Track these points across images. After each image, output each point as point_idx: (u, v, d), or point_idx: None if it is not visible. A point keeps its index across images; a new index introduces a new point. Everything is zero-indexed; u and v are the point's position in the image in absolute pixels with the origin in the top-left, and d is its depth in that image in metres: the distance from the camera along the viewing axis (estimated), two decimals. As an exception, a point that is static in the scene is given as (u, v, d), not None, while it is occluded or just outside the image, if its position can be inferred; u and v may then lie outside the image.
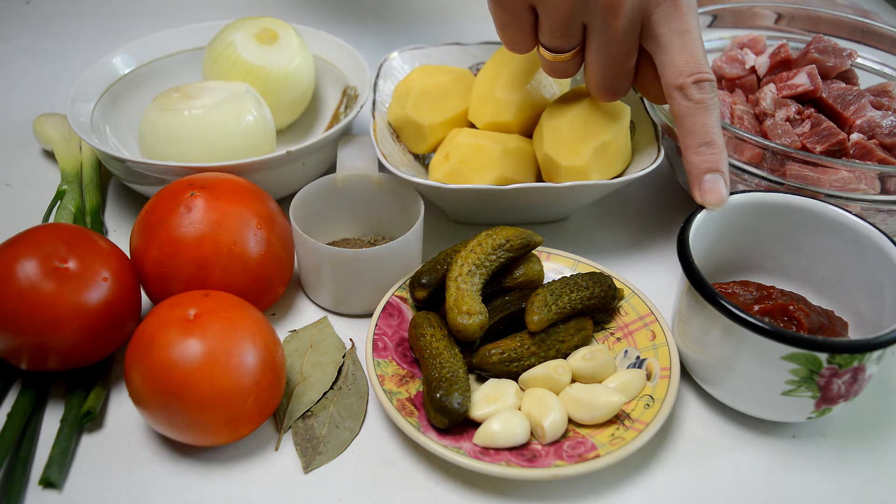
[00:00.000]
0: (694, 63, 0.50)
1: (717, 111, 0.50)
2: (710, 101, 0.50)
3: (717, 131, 0.50)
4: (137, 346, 0.45)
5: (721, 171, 0.50)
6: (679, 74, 0.50)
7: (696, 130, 0.50)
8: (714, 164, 0.50)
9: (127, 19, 0.99)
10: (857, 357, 0.43)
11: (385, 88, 0.69)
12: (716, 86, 0.50)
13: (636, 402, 0.48)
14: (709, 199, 0.50)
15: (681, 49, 0.50)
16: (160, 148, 0.61)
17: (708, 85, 0.50)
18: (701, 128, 0.50)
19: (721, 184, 0.50)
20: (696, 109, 0.50)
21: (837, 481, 0.47)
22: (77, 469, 0.46)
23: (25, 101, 0.81)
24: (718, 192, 0.50)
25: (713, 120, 0.50)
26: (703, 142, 0.50)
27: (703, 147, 0.50)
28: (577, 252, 0.60)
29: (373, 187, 0.60)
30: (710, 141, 0.50)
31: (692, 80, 0.50)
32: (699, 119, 0.50)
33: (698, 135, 0.50)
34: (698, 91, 0.50)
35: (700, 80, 0.50)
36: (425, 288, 0.53)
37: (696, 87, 0.50)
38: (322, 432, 0.48)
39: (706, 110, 0.50)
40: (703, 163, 0.50)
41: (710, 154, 0.50)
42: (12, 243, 0.48)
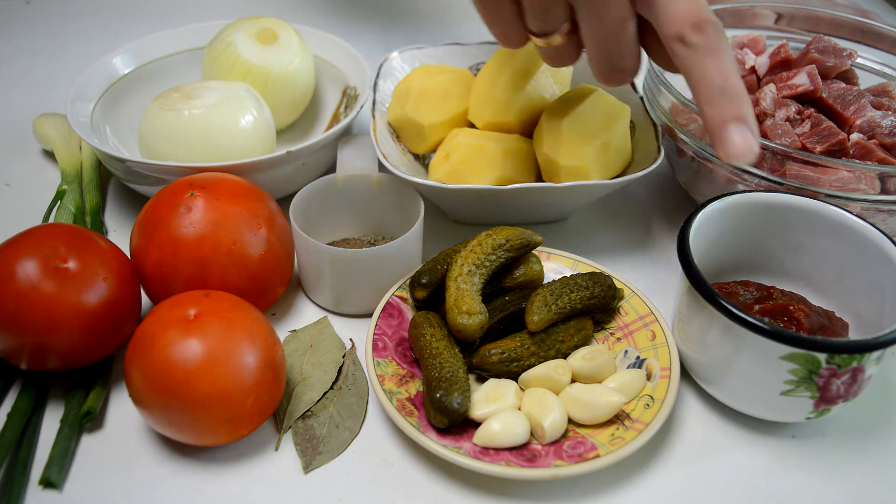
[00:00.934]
0: (691, 8, 0.43)
1: (727, 54, 0.43)
2: (715, 43, 0.43)
3: (731, 75, 0.43)
4: (137, 346, 0.45)
5: (744, 117, 0.43)
6: (676, 23, 0.43)
7: (706, 78, 0.43)
8: (734, 112, 0.43)
9: (127, 19, 0.99)
10: (855, 357, 0.43)
11: (385, 88, 0.69)
12: (721, 28, 0.43)
13: (636, 402, 0.48)
14: (734, 152, 0.42)
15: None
16: (160, 148, 0.61)
17: (710, 27, 0.43)
18: (711, 74, 0.43)
19: (746, 132, 0.42)
20: (701, 55, 0.43)
21: (837, 481, 0.47)
22: (77, 469, 0.46)
23: (25, 101, 0.81)
24: (745, 143, 0.42)
25: (723, 64, 0.43)
26: (714, 90, 0.43)
27: (717, 95, 0.43)
28: (577, 252, 0.60)
29: (373, 187, 0.60)
30: (724, 87, 0.43)
31: (690, 24, 0.43)
32: (706, 65, 0.43)
33: (709, 83, 0.43)
34: (700, 35, 0.43)
35: (700, 23, 0.43)
36: (425, 288, 0.53)
37: (696, 32, 0.43)
38: (322, 432, 0.48)
39: (712, 53, 0.43)
40: (719, 114, 0.43)
41: (727, 102, 0.43)
42: (12, 243, 0.48)
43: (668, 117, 0.62)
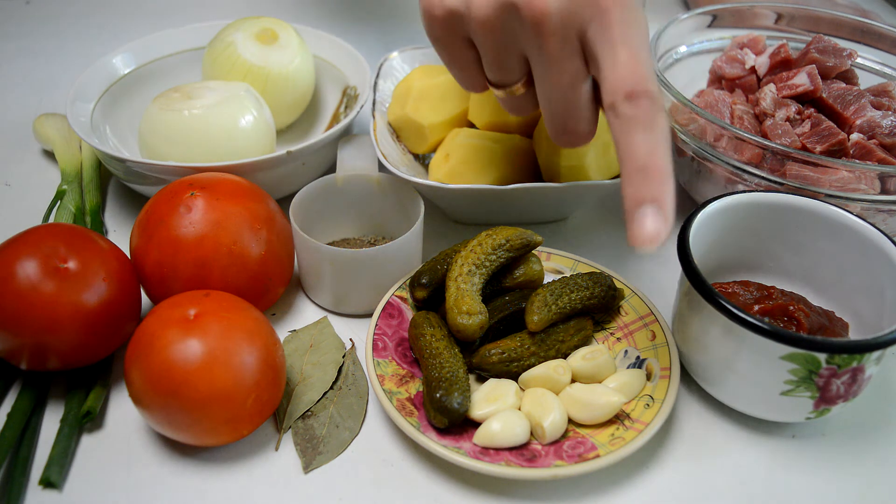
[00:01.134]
0: (629, 76, 0.41)
1: (657, 129, 0.41)
2: (644, 117, 0.41)
3: (654, 153, 0.41)
4: (137, 346, 0.45)
5: (659, 200, 0.40)
6: (611, 92, 0.42)
7: (630, 153, 0.41)
8: (646, 194, 0.40)
9: (127, 19, 0.99)
10: (855, 357, 0.43)
11: (385, 88, 0.69)
12: (659, 103, 0.41)
13: (636, 402, 0.48)
14: (640, 236, 0.40)
15: (612, 64, 0.41)
16: (160, 148, 0.61)
17: (644, 100, 0.41)
18: (634, 150, 0.41)
19: (658, 218, 0.40)
20: (629, 129, 0.41)
21: (837, 481, 0.47)
22: (77, 469, 0.46)
23: (25, 101, 0.81)
24: (654, 229, 0.40)
25: (651, 140, 0.41)
26: (635, 167, 0.41)
27: (637, 173, 0.41)
28: (577, 252, 0.60)
29: (373, 187, 0.60)
30: (645, 166, 0.40)
31: (623, 94, 0.41)
32: (632, 139, 0.41)
33: (632, 159, 0.41)
34: (630, 106, 0.41)
35: (633, 94, 0.41)
36: (425, 288, 0.53)
37: (628, 102, 0.41)
38: (322, 432, 0.48)
39: (642, 128, 0.41)
40: (635, 193, 0.40)
41: (646, 181, 0.40)
42: (12, 243, 0.48)
43: (667, 117, 0.62)
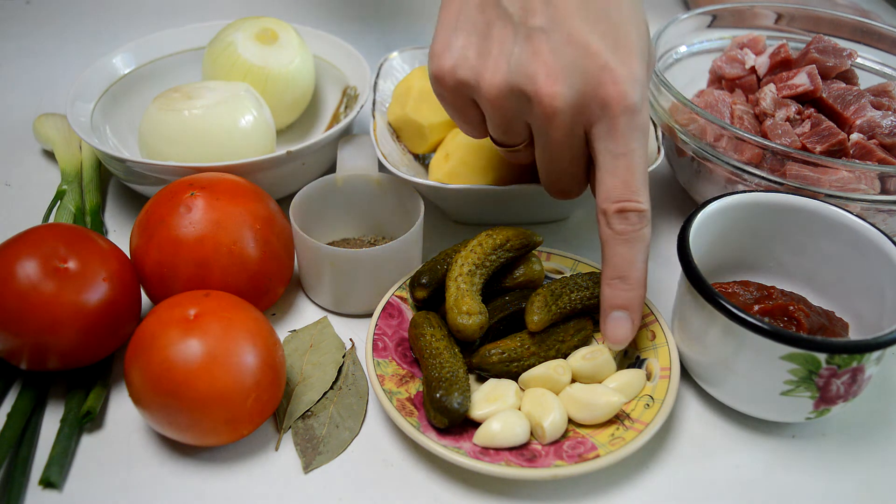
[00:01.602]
0: (622, 190, 0.45)
1: (640, 245, 0.46)
2: (632, 234, 0.46)
3: (633, 266, 0.46)
4: (137, 346, 0.45)
5: (629, 309, 0.47)
6: (605, 199, 0.46)
7: (613, 262, 0.47)
8: (623, 301, 0.47)
9: (127, 19, 0.99)
10: (855, 357, 0.43)
11: (385, 88, 0.69)
12: (646, 216, 0.46)
13: (636, 402, 0.48)
14: (609, 336, 0.48)
15: (611, 172, 0.45)
16: (160, 148, 0.61)
17: (633, 216, 0.45)
18: (618, 260, 0.46)
19: (625, 323, 0.47)
20: (616, 240, 0.46)
21: (837, 481, 0.47)
22: (77, 469, 0.46)
23: (25, 101, 0.81)
24: (622, 332, 0.48)
25: (633, 253, 0.46)
26: (617, 275, 0.47)
27: (617, 280, 0.47)
28: (577, 252, 0.60)
29: (373, 187, 0.60)
30: (625, 276, 0.47)
31: (616, 208, 0.45)
32: (617, 250, 0.46)
33: (614, 267, 0.47)
34: (620, 221, 0.46)
35: (624, 210, 0.45)
36: (425, 288, 0.53)
37: (618, 216, 0.46)
38: (322, 432, 0.48)
39: (627, 242, 0.46)
40: (611, 297, 0.47)
41: (622, 290, 0.47)
42: (12, 243, 0.48)
43: (668, 117, 0.62)
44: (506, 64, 0.44)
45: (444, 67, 0.46)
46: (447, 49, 0.46)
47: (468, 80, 0.46)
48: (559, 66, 0.43)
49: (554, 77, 0.43)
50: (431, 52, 0.47)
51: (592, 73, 0.43)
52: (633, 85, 0.44)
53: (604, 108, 0.44)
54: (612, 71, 0.43)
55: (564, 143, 0.47)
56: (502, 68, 0.44)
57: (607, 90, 0.43)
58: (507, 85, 0.44)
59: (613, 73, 0.43)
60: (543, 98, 0.44)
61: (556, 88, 0.43)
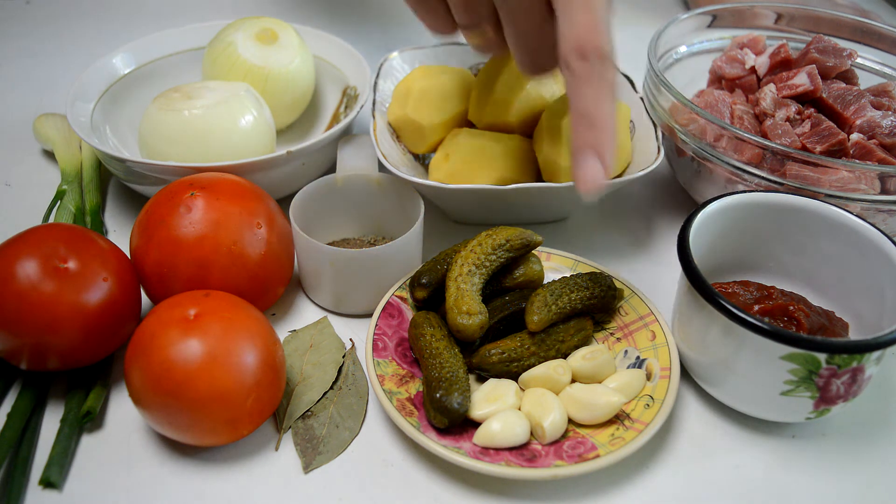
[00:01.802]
0: (582, 32, 0.44)
1: (604, 84, 0.44)
2: (593, 74, 0.44)
3: (600, 106, 0.44)
4: (137, 346, 0.45)
5: (597, 149, 0.44)
6: (565, 43, 0.44)
7: (579, 105, 0.45)
8: (589, 141, 0.44)
9: (127, 19, 0.99)
10: (855, 357, 0.43)
11: (385, 88, 0.69)
12: (608, 57, 0.44)
13: (636, 402, 0.48)
14: (578, 177, 0.45)
15: (569, 14, 0.44)
16: (160, 148, 0.61)
17: (594, 56, 0.44)
18: (581, 102, 0.45)
19: (593, 164, 0.44)
20: (578, 82, 0.44)
21: (837, 481, 0.47)
22: (77, 469, 0.46)
23: (25, 101, 0.81)
24: (590, 172, 0.44)
25: (599, 94, 0.44)
26: (580, 116, 0.45)
27: (581, 122, 0.45)
28: (577, 252, 0.60)
29: (373, 187, 0.60)
30: (589, 115, 0.44)
31: (575, 49, 0.44)
32: (582, 92, 0.45)
33: (578, 109, 0.45)
34: (580, 62, 0.44)
35: (583, 50, 0.44)
36: (425, 288, 0.53)
37: (578, 57, 0.44)
38: (322, 432, 0.48)
39: (590, 83, 0.44)
40: (577, 139, 0.45)
41: (588, 131, 0.44)
42: (12, 243, 0.48)
43: (668, 117, 0.62)
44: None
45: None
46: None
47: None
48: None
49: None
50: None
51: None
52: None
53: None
54: None
55: (525, 7, 0.46)
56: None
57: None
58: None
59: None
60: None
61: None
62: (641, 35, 0.76)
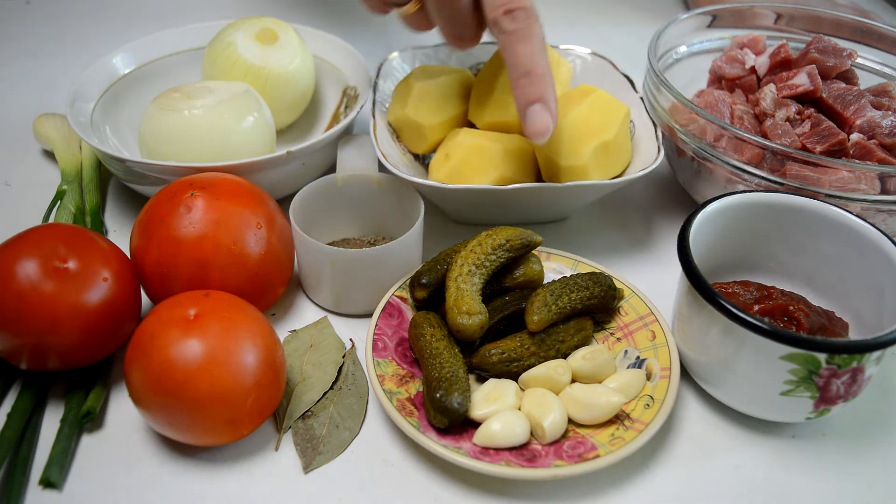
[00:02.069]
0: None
1: (535, 39, 0.48)
2: (523, 30, 0.47)
3: (535, 60, 0.48)
4: (137, 346, 0.45)
5: (542, 100, 0.48)
6: (491, 7, 0.47)
7: (514, 62, 0.48)
8: (533, 94, 0.48)
9: (127, 19, 0.99)
10: (855, 357, 0.43)
11: (385, 88, 0.69)
12: (532, 12, 0.48)
13: (636, 402, 0.48)
14: (530, 130, 0.49)
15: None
16: (160, 148, 0.61)
17: (520, 13, 0.47)
18: (517, 58, 0.48)
19: (544, 113, 0.49)
20: (510, 40, 0.48)
21: (837, 481, 0.47)
22: (77, 469, 0.46)
23: (25, 101, 0.81)
24: (542, 123, 0.49)
25: (530, 48, 0.48)
26: (520, 73, 0.48)
27: (522, 78, 0.48)
28: (577, 252, 0.60)
29: (373, 187, 0.60)
30: (528, 71, 0.48)
31: (502, 10, 0.47)
32: (514, 49, 0.48)
33: (517, 66, 0.48)
34: (510, 21, 0.47)
35: (511, 9, 0.47)
36: (425, 288, 0.53)
37: (507, 17, 0.47)
38: (322, 432, 0.48)
39: (520, 39, 0.48)
40: (522, 95, 0.49)
41: (531, 84, 0.48)
42: (12, 243, 0.48)
43: (668, 117, 0.62)
44: None
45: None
46: None
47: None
48: None
49: None
50: None
51: None
52: None
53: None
54: None
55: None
56: None
57: None
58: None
59: None
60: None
61: None
62: (641, 35, 0.77)
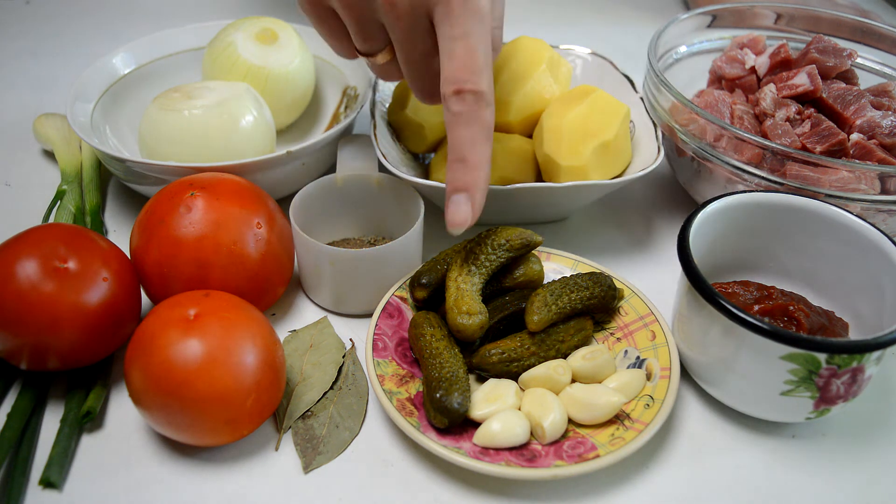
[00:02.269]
0: (460, 72, 0.46)
1: (478, 125, 0.46)
2: (467, 115, 0.46)
3: (474, 148, 0.47)
4: (137, 346, 0.45)
5: (468, 190, 0.47)
6: (444, 82, 0.46)
7: (453, 145, 0.47)
8: (462, 183, 0.47)
9: (127, 19, 0.99)
10: (855, 357, 0.43)
11: (385, 88, 0.69)
12: (483, 98, 0.46)
13: (636, 402, 0.48)
14: (448, 218, 0.47)
15: (449, 55, 0.46)
16: (160, 148, 0.61)
17: (469, 97, 0.46)
18: (457, 142, 0.47)
19: (463, 206, 0.47)
20: (454, 121, 0.46)
21: (837, 481, 0.47)
22: (77, 469, 0.46)
23: (25, 101, 0.81)
24: (458, 215, 0.47)
25: (471, 134, 0.46)
26: (455, 157, 0.47)
27: (456, 164, 0.47)
28: (577, 252, 0.60)
29: (373, 187, 0.60)
30: (463, 157, 0.47)
31: (453, 89, 0.46)
32: (456, 133, 0.47)
33: (454, 150, 0.47)
34: (457, 102, 0.46)
35: (461, 91, 0.46)
36: (425, 288, 0.53)
37: (455, 98, 0.46)
38: (322, 432, 0.48)
39: (465, 124, 0.46)
40: (452, 180, 0.47)
41: (462, 172, 0.47)
42: (12, 243, 0.48)
43: (668, 117, 0.62)
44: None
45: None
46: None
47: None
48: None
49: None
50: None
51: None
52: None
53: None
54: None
55: (411, 35, 0.48)
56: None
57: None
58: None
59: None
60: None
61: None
62: (641, 35, 0.77)
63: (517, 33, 0.67)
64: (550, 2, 1.11)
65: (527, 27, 0.78)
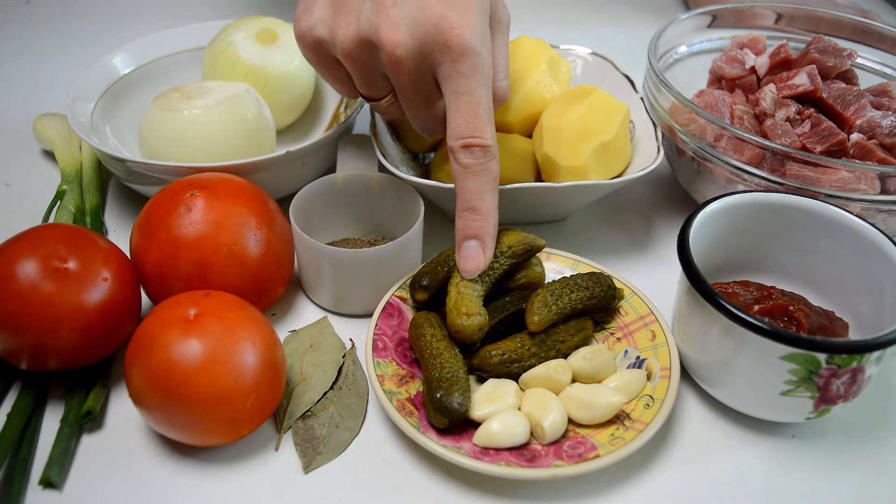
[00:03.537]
0: (466, 126, 0.48)
1: (486, 176, 0.49)
2: (477, 167, 0.49)
3: (483, 197, 0.50)
4: (137, 346, 0.45)
5: (480, 238, 0.50)
6: (452, 136, 0.49)
7: (463, 195, 0.50)
8: (473, 231, 0.50)
9: (127, 19, 0.99)
10: (855, 357, 0.43)
11: (385, 88, 0.69)
12: (490, 151, 0.49)
13: (636, 402, 0.48)
14: (462, 265, 0.50)
15: (455, 111, 0.49)
16: (160, 148, 0.61)
17: (478, 150, 0.49)
18: (467, 193, 0.50)
19: (477, 251, 0.50)
20: (464, 174, 0.49)
21: (837, 481, 0.47)
22: (77, 469, 0.46)
23: (25, 101, 0.81)
24: (473, 261, 0.50)
25: (480, 185, 0.49)
26: (467, 207, 0.50)
27: (467, 213, 0.50)
28: (577, 252, 0.60)
29: (373, 187, 0.60)
30: (474, 207, 0.50)
31: (461, 143, 0.49)
32: (465, 184, 0.49)
33: (464, 200, 0.50)
34: (466, 156, 0.49)
35: (468, 146, 0.49)
36: (426, 290, 0.53)
37: (464, 151, 0.49)
38: (322, 432, 0.48)
39: (473, 175, 0.49)
40: (463, 228, 0.50)
41: (472, 220, 0.50)
42: (12, 243, 0.48)
43: (668, 117, 0.62)
44: (355, 20, 0.49)
45: (304, 28, 0.51)
46: (307, 11, 0.51)
47: (325, 37, 0.50)
48: (400, 17, 0.48)
49: (395, 27, 0.48)
50: (294, 16, 0.52)
51: (431, 22, 0.47)
52: (471, 31, 0.48)
53: (444, 52, 0.48)
54: (448, 20, 0.47)
55: (414, 88, 0.51)
56: (353, 23, 0.49)
57: (446, 36, 0.47)
58: (357, 37, 0.49)
59: (450, 21, 0.47)
60: (386, 46, 0.48)
61: (398, 37, 0.48)
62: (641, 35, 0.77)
63: (517, 33, 0.67)
64: (550, 2, 1.11)
65: (527, 27, 0.78)
